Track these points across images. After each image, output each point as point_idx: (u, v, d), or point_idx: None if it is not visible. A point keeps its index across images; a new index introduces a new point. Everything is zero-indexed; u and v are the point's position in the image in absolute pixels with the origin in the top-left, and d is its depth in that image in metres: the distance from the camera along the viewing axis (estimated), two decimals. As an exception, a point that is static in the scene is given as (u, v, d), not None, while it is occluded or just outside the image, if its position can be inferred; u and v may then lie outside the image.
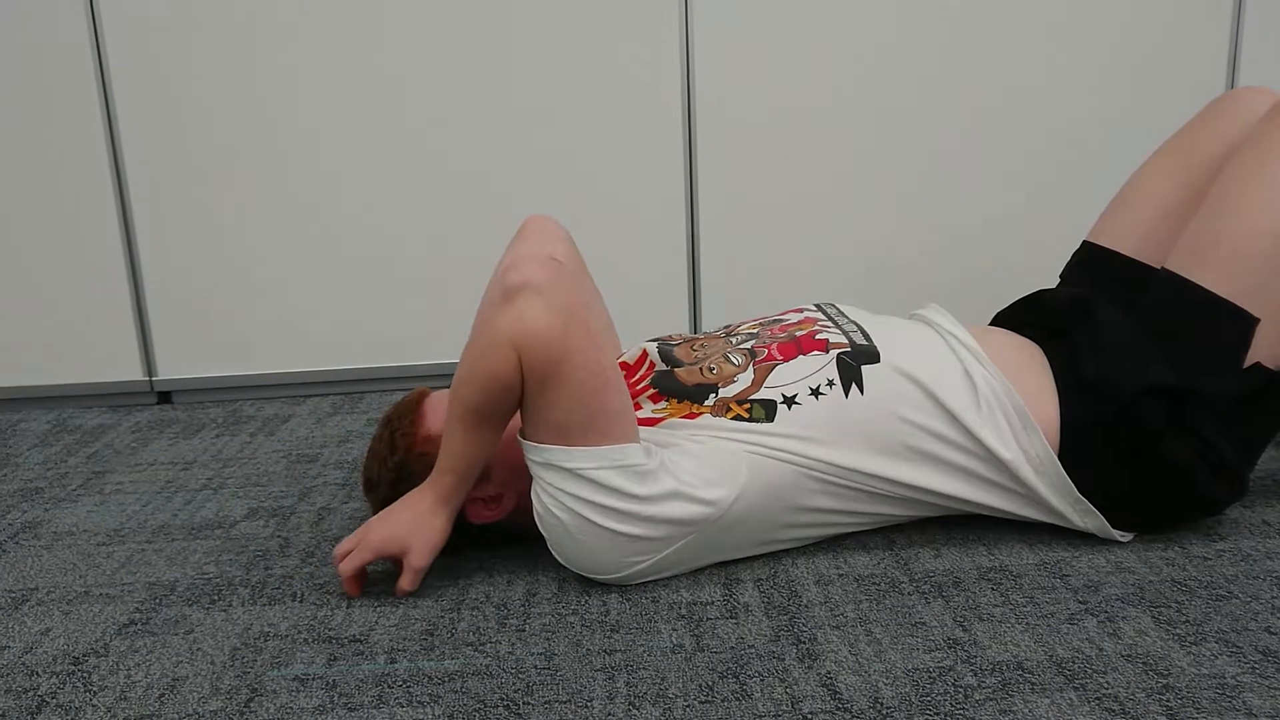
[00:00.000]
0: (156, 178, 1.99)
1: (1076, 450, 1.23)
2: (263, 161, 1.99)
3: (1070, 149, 2.06)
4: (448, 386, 1.39)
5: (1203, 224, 1.25)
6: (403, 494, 1.25)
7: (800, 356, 1.27)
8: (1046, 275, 1.52)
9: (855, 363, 1.25)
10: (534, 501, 1.18)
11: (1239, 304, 1.20)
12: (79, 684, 1.09)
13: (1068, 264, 1.49)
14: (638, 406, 1.28)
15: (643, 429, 1.22)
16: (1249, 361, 1.21)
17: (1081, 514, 1.26)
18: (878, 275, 2.10)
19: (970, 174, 2.07)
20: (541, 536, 1.22)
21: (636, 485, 1.14)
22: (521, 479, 1.24)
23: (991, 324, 1.46)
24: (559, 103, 1.99)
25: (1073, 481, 1.24)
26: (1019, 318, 1.42)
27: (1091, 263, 1.45)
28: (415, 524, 1.20)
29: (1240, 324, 1.20)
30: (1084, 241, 1.47)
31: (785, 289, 2.09)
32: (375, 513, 1.30)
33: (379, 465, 1.28)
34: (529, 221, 1.43)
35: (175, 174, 1.99)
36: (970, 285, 2.07)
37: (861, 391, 1.23)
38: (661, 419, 1.26)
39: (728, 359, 1.29)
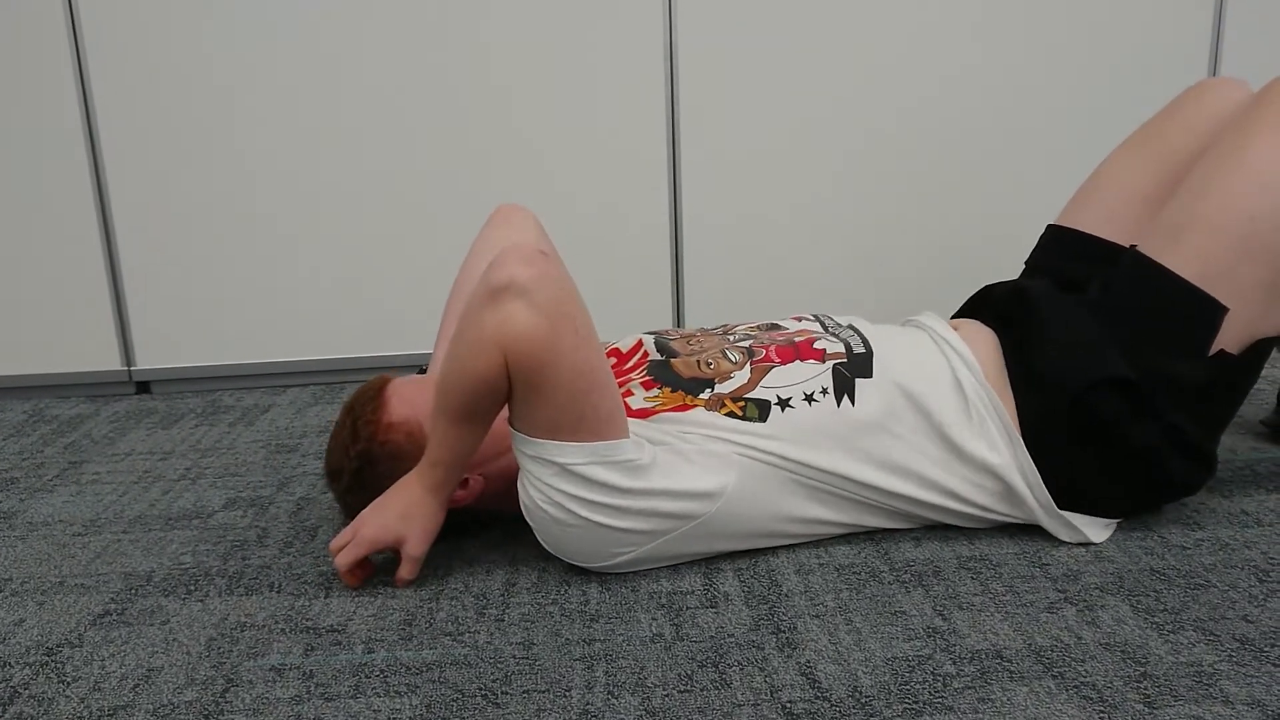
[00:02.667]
0: (134, 167, 1.97)
1: (1040, 442, 1.24)
2: (242, 152, 1.97)
3: (1066, 149, 2.06)
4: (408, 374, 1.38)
5: (1179, 206, 1.25)
6: (366, 482, 1.24)
7: (797, 362, 1.27)
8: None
9: (850, 375, 1.25)
10: (520, 493, 1.18)
11: (1209, 288, 1.20)
12: (52, 675, 1.08)
13: (1033, 249, 1.49)
14: (629, 394, 1.27)
15: (633, 423, 1.21)
16: (1214, 349, 1.21)
17: (1060, 526, 1.26)
18: (867, 272, 2.10)
19: (961, 172, 2.07)
20: (514, 516, 1.22)
21: (626, 479, 1.14)
22: (489, 462, 1.24)
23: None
24: (540, 97, 1.98)
25: (1044, 472, 1.24)
26: (972, 314, 1.42)
27: (1057, 244, 1.45)
28: (408, 513, 1.19)
29: (1210, 313, 1.21)
30: (1049, 225, 1.47)
31: (770, 288, 2.09)
32: (340, 502, 1.29)
33: (341, 454, 1.26)
34: (498, 210, 1.41)
35: (153, 163, 1.97)
36: (964, 283, 2.06)
37: (853, 404, 1.23)
38: (653, 409, 1.25)
39: (725, 355, 1.29)
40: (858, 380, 1.24)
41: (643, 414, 1.25)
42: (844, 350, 1.28)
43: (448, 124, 1.98)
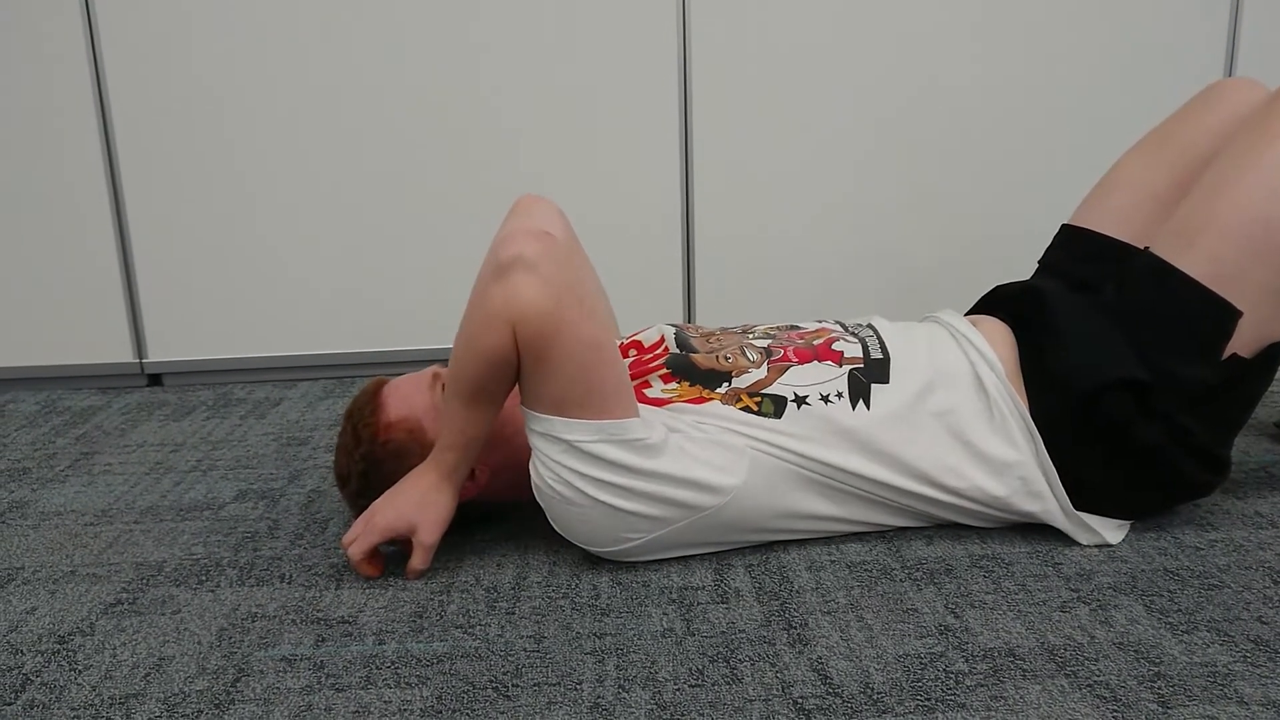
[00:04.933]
0: (148, 160, 1.97)
1: (1052, 441, 1.23)
2: (254, 145, 1.98)
3: (1081, 149, 2.05)
4: (414, 371, 1.39)
5: (1192, 207, 1.24)
6: (373, 484, 1.25)
7: (815, 363, 1.27)
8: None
9: (866, 380, 1.25)
10: (532, 473, 1.18)
11: (1221, 291, 1.19)
12: (64, 663, 1.08)
13: (1047, 249, 1.48)
14: (648, 385, 1.28)
15: (648, 409, 1.22)
16: (1227, 353, 1.21)
17: (1077, 527, 1.26)
18: (879, 273, 2.10)
19: (975, 171, 2.06)
20: (525, 508, 1.22)
21: (635, 458, 1.14)
22: (494, 452, 1.24)
23: None
24: (550, 88, 1.98)
25: (1058, 472, 1.23)
26: (984, 313, 1.41)
27: (1070, 244, 1.44)
28: (420, 501, 1.20)
29: (1224, 317, 1.20)
30: (1063, 225, 1.47)
31: (782, 288, 2.08)
32: (352, 507, 1.30)
33: (346, 459, 1.28)
34: (520, 201, 1.42)
35: (167, 156, 1.97)
36: (977, 281, 2.06)
37: (868, 409, 1.23)
38: (669, 400, 1.25)
39: (743, 352, 1.29)
40: (873, 386, 1.24)
41: (659, 403, 1.25)
42: (861, 355, 1.28)
43: (460, 120, 1.98)
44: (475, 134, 1.99)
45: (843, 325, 1.37)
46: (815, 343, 1.31)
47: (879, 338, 1.31)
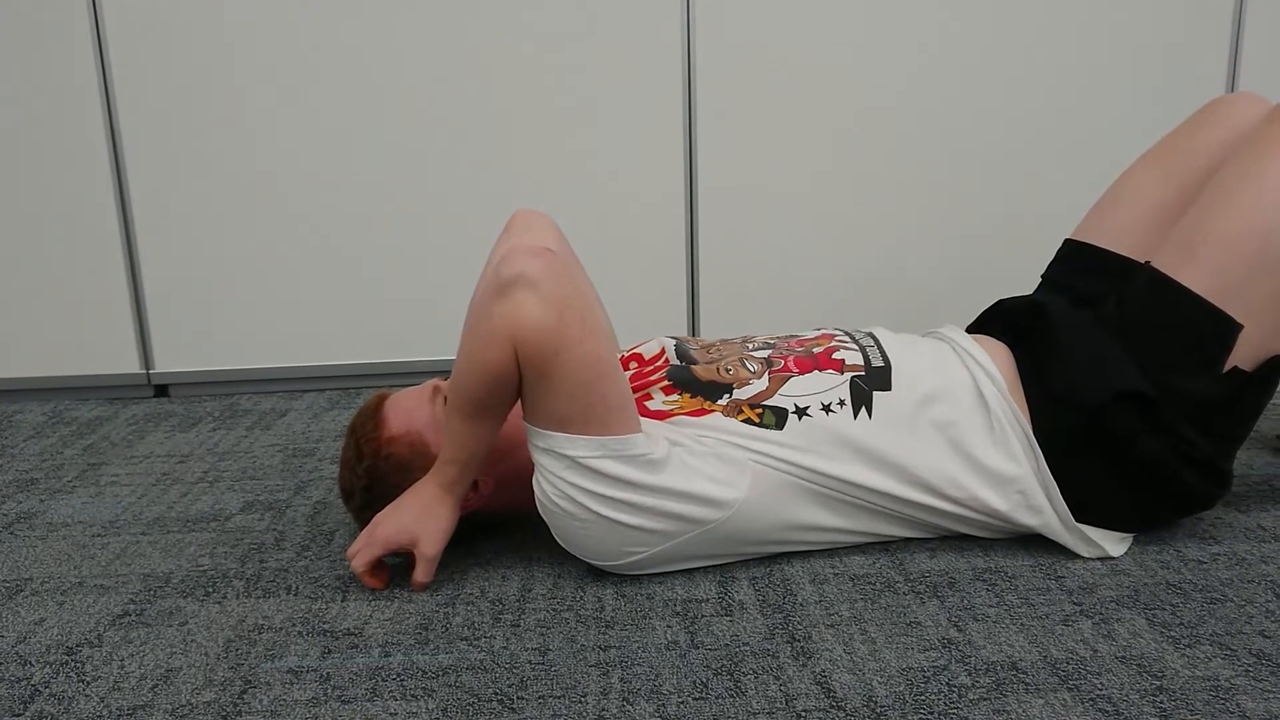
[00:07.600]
0: (155, 171, 1.98)
1: (1054, 456, 1.24)
2: (261, 156, 1.99)
3: (1085, 161, 2.06)
4: (418, 383, 1.39)
5: (1194, 220, 1.25)
6: (377, 498, 1.26)
7: (815, 372, 1.28)
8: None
9: (868, 388, 1.25)
10: (535, 488, 1.19)
11: (1223, 304, 1.20)
12: (72, 674, 1.09)
13: (1050, 263, 1.49)
14: (649, 397, 1.28)
15: (650, 423, 1.22)
16: (1228, 366, 1.21)
17: (1078, 540, 1.26)
18: (885, 282, 2.10)
19: (980, 184, 2.07)
20: (530, 518, 1.23)
21: (639, 474, 1.15)
22: (498, 464, 1.25)
23: None
24: (554, 99, 1.99)
25: (1060, 486, 1.24)
26: (985, 330, 1.42)
27: (1073, 258, 1.45)
28: (422, 514, 1.20)
29: (1224, 330, 1.20)
30: (1066, 240, 1.48)
31: (787, 297, 2.09)
32: (357, 521, 1.30)
33: (350, 473, 1.29)
34: (517, 215, 1.43)
35: (174, 167, 1.98)
36: (981, 292, 2.07)
37: (870, 417, 1.23)
38: (671, 412, 1.26)
39: (744, 364, 1.30)
40: (875, 393, 1.25)
41: (660, 416, 1.26)
42: (863, 362, 1.29)
43: (467, 129, 1.99)
44: (480, 147, 2.00)
45: (845, 332, 1.37)
46: (816, 351, 1.31)
47: (880, 346, 1.32)
